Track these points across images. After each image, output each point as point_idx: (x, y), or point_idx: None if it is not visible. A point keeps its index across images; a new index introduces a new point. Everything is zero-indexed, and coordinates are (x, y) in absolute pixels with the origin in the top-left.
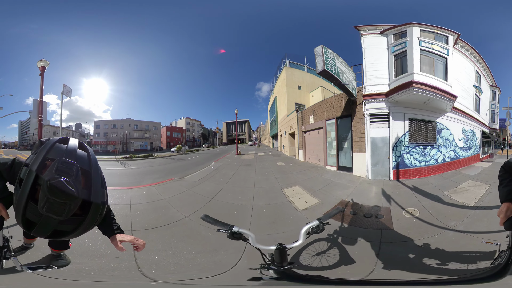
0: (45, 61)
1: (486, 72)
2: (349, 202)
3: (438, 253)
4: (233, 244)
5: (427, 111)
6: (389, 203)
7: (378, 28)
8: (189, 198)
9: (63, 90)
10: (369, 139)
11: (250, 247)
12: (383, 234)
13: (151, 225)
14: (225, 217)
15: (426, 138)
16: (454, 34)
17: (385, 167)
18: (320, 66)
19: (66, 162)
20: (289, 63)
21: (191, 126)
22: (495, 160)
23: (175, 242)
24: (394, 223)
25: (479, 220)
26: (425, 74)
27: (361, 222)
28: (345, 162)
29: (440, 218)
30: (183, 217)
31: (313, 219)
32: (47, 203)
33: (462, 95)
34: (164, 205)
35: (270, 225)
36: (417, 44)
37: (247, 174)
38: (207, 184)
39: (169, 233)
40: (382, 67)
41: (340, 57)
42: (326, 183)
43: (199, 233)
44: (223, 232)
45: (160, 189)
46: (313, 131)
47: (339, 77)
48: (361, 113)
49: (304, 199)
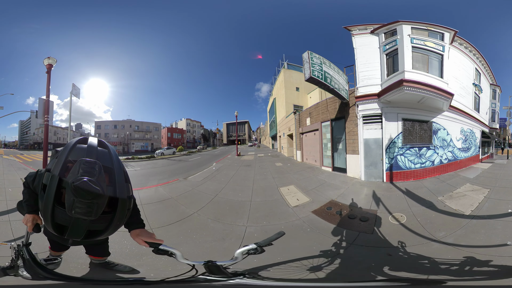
0: (52, 59)
1: (487, 70)
2: (338, 202)
3: (404, 264)
4: (234, 234)
5: (423, 111)
6: (377, 206)
7: (368, 27)
8: (195, 196)
9: (72, 90)
10: (362, 141)
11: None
12: (359, 236)
13: (167, 222)
14: (227, 212)
15: (421, 139)
16: (451, 31)
17: (378, 168)
18: (307, 73)
19: (88, 161)
20: (287, 65)
21: (191, 127)
22: (495, 160)
23: (192, 234)
24: (376, 227)
25: (475, 232)
26: (418, 71)
27: (344, 222)
28: (340, 163)
29: (428, 227)
30: (192, 213)
31: (301, 215)
32: (75, 205)
33: (461, 93)
34: (173, 204)
35: (264, 218)
36: (408, 41)
37: (247, 174)
38: (210, 184)
39: (184, 228)
40: (374, 67)
41: (328, 61)
42: (320, 183)
43: (208, 226)
44: (153, 250)
45: (167, 189)
46: (310, 132)
47: (327, 82)
48: (354, 115)
49: (297, 197)
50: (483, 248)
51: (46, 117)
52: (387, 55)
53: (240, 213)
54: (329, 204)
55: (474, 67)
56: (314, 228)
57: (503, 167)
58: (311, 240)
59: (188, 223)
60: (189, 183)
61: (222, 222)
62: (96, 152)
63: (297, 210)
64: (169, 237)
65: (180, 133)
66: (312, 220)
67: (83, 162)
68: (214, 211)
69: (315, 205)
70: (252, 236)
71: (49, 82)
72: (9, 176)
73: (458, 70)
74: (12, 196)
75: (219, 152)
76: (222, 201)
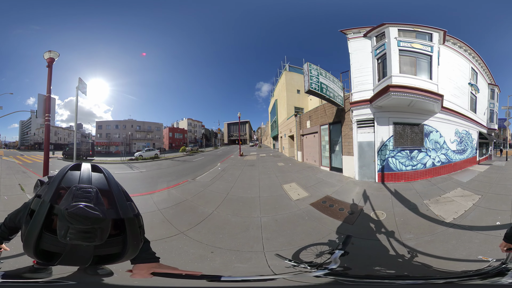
0: (54, 52)
1: (484, 70)
2: (332, 197)
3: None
4: (253, 224)
5: (414, 114)
6: (364, 203)
7: (361, 30)
8: (208, 196)
9: (78, 85)
10: (356, 144)
11: (263, 224)
12: (341, 226)
13: (193, 223)
14: (241, 207)
15: (413, 141)
16: (439, 31)
17: (371, 169)
18: (306, 85)
19: (82, 187)
20: (289, 67)
21: (192, 127)
22: (493, 162)
23: (221, 230)
24: (357, 220)
25: (443, 241)
26: (405, 75)
27: (334, 213)
28: (337, 163)
29: (400, 227)
30: (211, 211)
31: (301, 207)
32: (70, 232)
33: (455, 93)
34: (191, 205)
35: (272, 210)
36: (395, 45)
37: (252, 173)
38: (219, 183)
39: (210, 226)
40: (367, 72)
41: (324, 71)
42: (318, 181)
43: (230, 220)
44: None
45: (179, 191)
46: (310, 134)
47: (323, 92)
48: (349, 119)
49: (297, 192)
50: (440, 260)
51: (47, 116)
52: (378, 60)
53: (253, 207)
54: (325, 199)
55: (470, 66)
56: (311, 217)
57: (500, 169)
58: (308, 226)
59: (212, 221)
60: (199, 184)
61: (240, 216)
62: (90, 177)
63: (298, 203)
64: (205, 235)
65: (182, 133)
66: (310, 211)
67: (78, 188)
68: (230, 208)
69: (313, 199)
70: (267, 224)
71: (50, 77)
72: (6, 181)
73: (452, 70)
74: (6, 206)
75: (221, 152)
76: (235, 199)
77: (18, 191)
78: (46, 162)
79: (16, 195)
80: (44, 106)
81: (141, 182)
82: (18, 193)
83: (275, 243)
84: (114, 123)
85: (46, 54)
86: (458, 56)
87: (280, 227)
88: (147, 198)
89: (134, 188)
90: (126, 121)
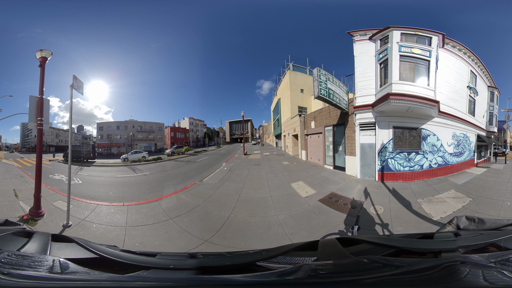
0: (46, 51)
1: (483, 72)
2: (337, 194)
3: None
4: (273, 222)
5: (412, 118)
6: (365, 199)
7: (367, 33)
8: (220, 199)
9: (72, 83)
10: (359, 145)
11: (282, 221)
12: (346, 217)
13: (214, 229)
14: (256, 207)
15: (411, 144)
16: (438, 35)
17: (372, 169)
18: (316, 91)
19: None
20: (292, 66)
21: (194, 126)
22: (491, 165)
23: (244, 232)
24: (359, 213)
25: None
26: (404, 82)
27: (339, 208)
28: (340, 162)
29: (394, 221)
30: (228, 215)
31: (311, 203)
32: None
33: (453, 97)
34: (204, 210)
35: (286, 207)
36: (397, 51)
37: (259, 173)
38: (228, 185)
39: (232, 229)
40: (370, 76)
41: (331, 76)
42: (323, 179)
43: (250, 222)
44: None
45: (188, 195)
46: (314, 135)
47: (331, 98)
48: (353, 122)
49: (305, 190)
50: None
51: (39, 120)
52: (380, 64)
53: (267, 207)
54: (331, 195)
55: (469, 69)
56: (321, 211)
57: (497, 173)
58: (320, 219)
59: (232, 225)
60: (208, 186)
61: (258, 216)
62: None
63: (307, 199)
64: (231, 240)
65: (184, 133)
66: (319, 206)
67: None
68: (245, 209)
69: (320, 196)
70: (285, 221)
71: (42, 77)
72: (2, 186)
73: (450, 73)
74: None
75: (224, 151)
76: (247, 199)
77: (12, 197)
78: (39, 167)
79: (8, 202)
80: (37, 109)
81: (146, 186)
82: (10, 199)
83: (299, 237)
84: (115, 124)
85: (38, 53)
86: (457, 59)
87: (297, 223)
88: (154, 205)
89: (140, 195)
90: (127, 121)
